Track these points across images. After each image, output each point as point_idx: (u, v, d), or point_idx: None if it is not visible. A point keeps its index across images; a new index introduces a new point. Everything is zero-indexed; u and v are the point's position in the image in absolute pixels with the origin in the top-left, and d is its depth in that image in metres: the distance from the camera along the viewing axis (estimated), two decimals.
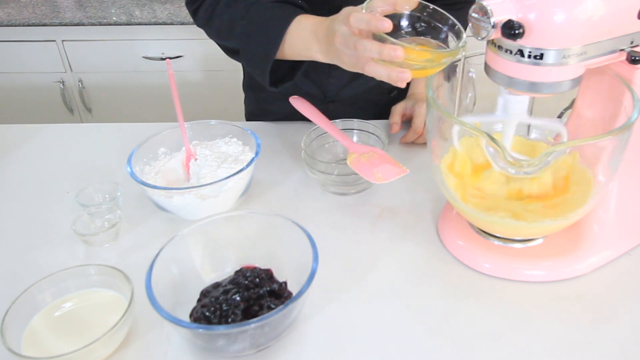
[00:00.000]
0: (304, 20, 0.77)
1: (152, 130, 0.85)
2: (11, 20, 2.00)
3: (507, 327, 0.62)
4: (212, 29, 0.90)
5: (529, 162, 0.58)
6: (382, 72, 0.64)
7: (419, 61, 0.62)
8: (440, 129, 0.67)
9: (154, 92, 2.17)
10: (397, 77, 0.63)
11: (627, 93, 0.61)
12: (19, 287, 0.61)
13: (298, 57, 0.80)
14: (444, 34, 0.67)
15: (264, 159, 0.89)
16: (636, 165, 0.66)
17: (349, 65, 0.69)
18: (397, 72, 0.63)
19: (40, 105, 2.21)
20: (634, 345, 0.60)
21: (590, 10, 0.52)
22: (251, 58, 0.84)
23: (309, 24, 0.76)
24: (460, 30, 0.66)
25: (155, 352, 0.60)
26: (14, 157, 0.97)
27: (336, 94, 1.04)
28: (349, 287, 0.68)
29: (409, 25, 0.69)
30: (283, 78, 0.86)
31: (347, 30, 0.65)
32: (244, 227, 0.67)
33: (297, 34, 0.77)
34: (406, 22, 0.69)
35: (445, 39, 0.68)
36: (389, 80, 0.64)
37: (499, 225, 0.67)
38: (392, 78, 0.63)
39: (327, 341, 0.61)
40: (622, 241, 0.71)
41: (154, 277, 0.58)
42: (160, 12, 2.04)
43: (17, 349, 0.57)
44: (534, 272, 0.68)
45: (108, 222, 0.77)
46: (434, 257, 0.72)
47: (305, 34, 0.76)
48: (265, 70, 0.81)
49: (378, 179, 0.75)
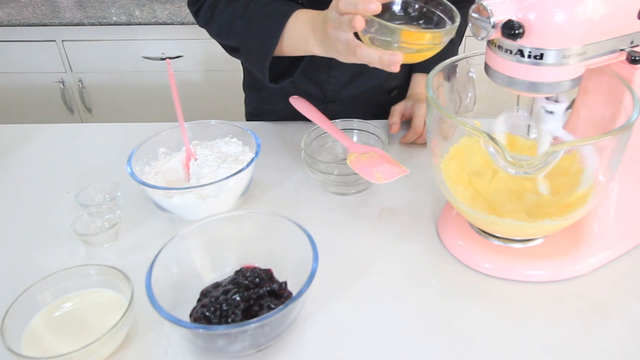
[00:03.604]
0: (302, 15, 0.77)
1: (152, 130, 0.85)
2: (11, 20, 2.00)
3: (507, 327, 0.62)
4: (213, 28, 0.90)
5: (529, 162, 0.58)
6: (373, 56, 0.63)
7: (412, 43, 0.62)
8: (440, 129, 0.67)
9: (154, 92, 2.17)
10: (389, 60, 0.62)
11: (627, 93, 0.61)
12: (19, 287, 0.61)
13: (296, 51, 0.80)
14: (437, 17, 0.67)
15: (264, 159, 0.89)
16: (636, 165, 0.66)
17: (343, 53, 0.68)
18: (389, 54, 0.62)
19: (40, 105, 2.21)
20: (634, 345, 0.60)
21: (590, 10, 0.52)
22: (251, 54, 0.84)
23: (307, 17, 0.76)
24: (453, 12, 0.65)
25: (155, 352, 0.60)
26: (14, 157, 0.97)
27: (336, 94, 1.04)
28: (349, 287, 0.68)
29: (402, 10, 0.68)
30: (282, 74, 0.86)
31: (336, 15, 0.65)
32: (244, 227, 0.67)
33: (295, 28, 0.77)
34: (398, 7, 0.68)
35: (438, 24, 0.67)
36: (381, 64, 0.63)
37: (499, 225, 0.67)
38: (383, 61, 0.62)
39: (327, 341, 0.61)
40: (622, 241, 0.71)
41: (154, 277, 0.58)
42: (160, 12, 2.04)
43: (17, 349, 0.57)
44: (534, 272, 0.68)
45: (108, 222, 0.77)
46: (434, 257, 0.72)
47: (303, 28, 0.76)
48: (264, 66, 0.82)
49: (378, 179, 0.75)
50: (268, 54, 0.80)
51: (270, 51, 0.80)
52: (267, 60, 0.81)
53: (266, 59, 0.81)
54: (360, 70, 1.01)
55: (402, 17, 0.69)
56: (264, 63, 0.81)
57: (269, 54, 0.80)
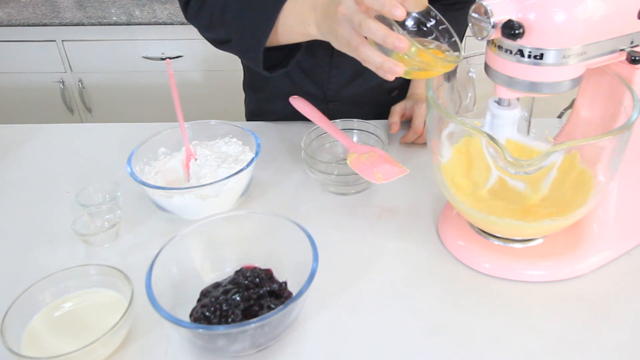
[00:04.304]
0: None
1: (152, 130, 0.85)
2: (11, 20, 2.00)
3: (507, 327, 0.62)
4: (203, 18, 0.87)
5: (528, 162, 0.58)
6: (375, 59, 0.61)
7: (417, 61, 0.61)
8: (440, 129, 0.67)
9: (154, 92, 2.17)
10: (389, 68, 0.60)
11: (627, 93, 0.61)
12: (19, 287, 0.61)
13: (292, 34, 0.77)
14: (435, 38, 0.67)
15: (264, 159, 0.89)
16: (636, 165, 0.66)
17: (342, 42, 0.66)
18: (392, 63, 0.60)
19: (40, 105, 2.21)
20: (634, 345, 0.60)
21: (590, 10, 0.52)
22: (245, 38, 0.81)
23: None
24: (457, 44, 0.65)
25: (155, 352, 0.60)
26: (14, 157, 0.97)
27: (336, 94, 1.04)
28: (349, 287, 0.68)
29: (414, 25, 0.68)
30: (277, 65, 0.83)
31: (354, 4, 0.62)
32: (244, 227, 0.67)
33: (294, 6, 0.75)
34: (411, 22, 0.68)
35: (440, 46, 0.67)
36: (380, 69, 0.61)
37: (499, 225, 0.67)
38: (384, 67, 0.61)
39: (327, 341, 0.61)
40: (622, 241, 0.71)
41: (154, 277, 0.58)
42: (160, 12, 2.04)
43: (17, 349, 0.57)
44: (534, 272, 0.68)
45: (108, 222, 0.77)
46: (434, 257, 0.72)
47: (303, 6, 0.73)
48: (259, 49, 0.79)
49: (378, 179, 0.75)
50: (264, 35, 0.77)
51: (267, 32, 0.76)
52: (262, 44, 0.78)
53: (261, 42, 0.78)
54: (360, 70, 1.01)
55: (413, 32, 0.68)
56: (259, 46, 0.78)
57: (264, 36, 0.77)
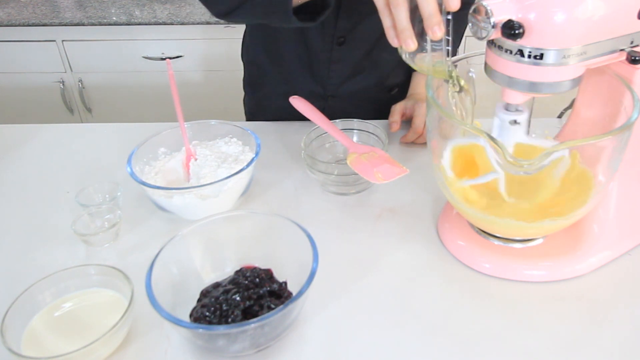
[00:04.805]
0: None
1: (152, 130, 0.85)
2: (11, 20, 2.00)
3: (507, 327, 0.62)
4: None
5: (528, 162, 0.58)
6: (403, 18, 0.58)
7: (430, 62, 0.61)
8: (440, 129, 0.67)
9: (154, 92, 2.17)
10: (436, 23, 0.57)
11: (627, 93, 0.61)
12: (19, 287, 0.61)
13: None
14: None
15: (264, 159, 0.89)
16: (636, 165, 0.66)
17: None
18: (437, 23, 0.57)
19: (40, 105, 2.21)
20: (634, 345, 0.60)
21: (590, 10, 0.52)
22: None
23: None
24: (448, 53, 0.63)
25: (155, 352, 0.60)
26: (14, 157, 0.97)
27: (336, 90, 1.04)
28: (349, 287, 0.68)
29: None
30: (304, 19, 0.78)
31: None
32: (244, 227, 0.67)
33: None
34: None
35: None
36: (397, 25, 0.59)
37: (499, 225, 0.67)
38: (432, 21, 0.57)
39: (327, 341, 0.61)
40: (622, 241, 0.71)
41: (154, 277, 0.58)
42: (160, 12, 2.04)
43: (17, 349, 0.57)
44: (534, 272, 0.68)
45: (108, 222, 0.77)
46: (434, 257, 0.72)
47: None
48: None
49: (378, 179, 0.75)
50: None
51: None
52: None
53: None
54: (361, 66, 1.02)
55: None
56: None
57: None
